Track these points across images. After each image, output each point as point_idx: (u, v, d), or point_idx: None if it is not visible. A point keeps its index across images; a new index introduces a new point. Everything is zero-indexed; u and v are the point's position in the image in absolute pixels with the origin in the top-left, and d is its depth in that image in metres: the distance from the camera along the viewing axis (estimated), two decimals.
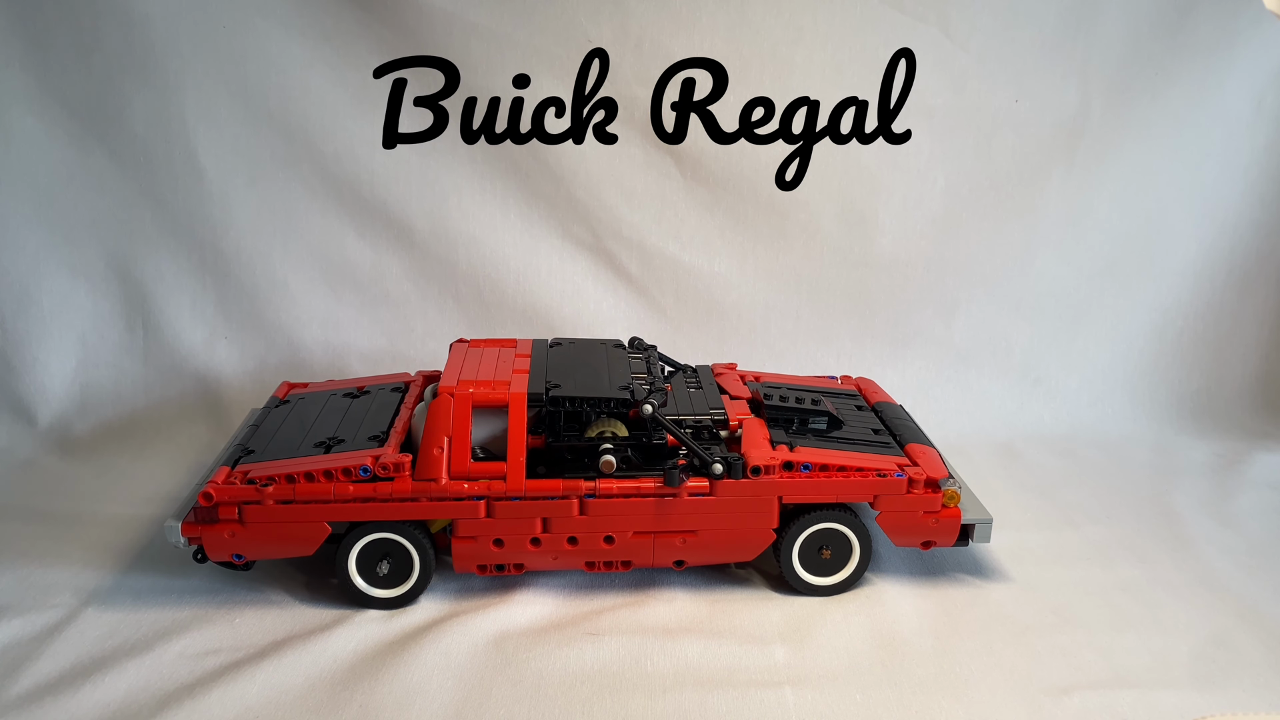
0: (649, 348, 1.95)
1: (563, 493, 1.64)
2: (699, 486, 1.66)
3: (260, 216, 2.34)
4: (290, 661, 1.51)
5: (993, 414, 2.47)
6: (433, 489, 1.62)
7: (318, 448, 1.70)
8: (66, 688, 1.45)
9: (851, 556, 1.73)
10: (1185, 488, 2.18)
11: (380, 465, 1.61)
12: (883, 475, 1.68)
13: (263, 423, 1.85)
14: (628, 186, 2.40)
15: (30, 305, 2.33)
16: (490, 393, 1.65)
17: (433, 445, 1.63)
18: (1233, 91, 2.38)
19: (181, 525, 1.62)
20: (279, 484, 1.60)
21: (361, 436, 1.72)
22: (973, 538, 1.73)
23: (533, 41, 2.26)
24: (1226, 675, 1.55)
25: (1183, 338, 2.54)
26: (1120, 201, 2.45)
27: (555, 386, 1.70)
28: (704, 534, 1.68)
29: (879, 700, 1.47)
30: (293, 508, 1.61)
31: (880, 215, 2.44)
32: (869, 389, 2.09)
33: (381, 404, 1.86)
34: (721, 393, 1.91)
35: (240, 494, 1.60)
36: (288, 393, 2.01)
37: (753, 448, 1.70)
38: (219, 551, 1.63)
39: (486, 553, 1.67)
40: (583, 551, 1.68)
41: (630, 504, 1.65)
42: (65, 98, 2.23)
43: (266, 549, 1.64)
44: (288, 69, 2.27)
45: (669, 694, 1.47)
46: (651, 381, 1.77)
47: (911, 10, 2.29)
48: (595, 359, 1.85)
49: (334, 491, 1.61)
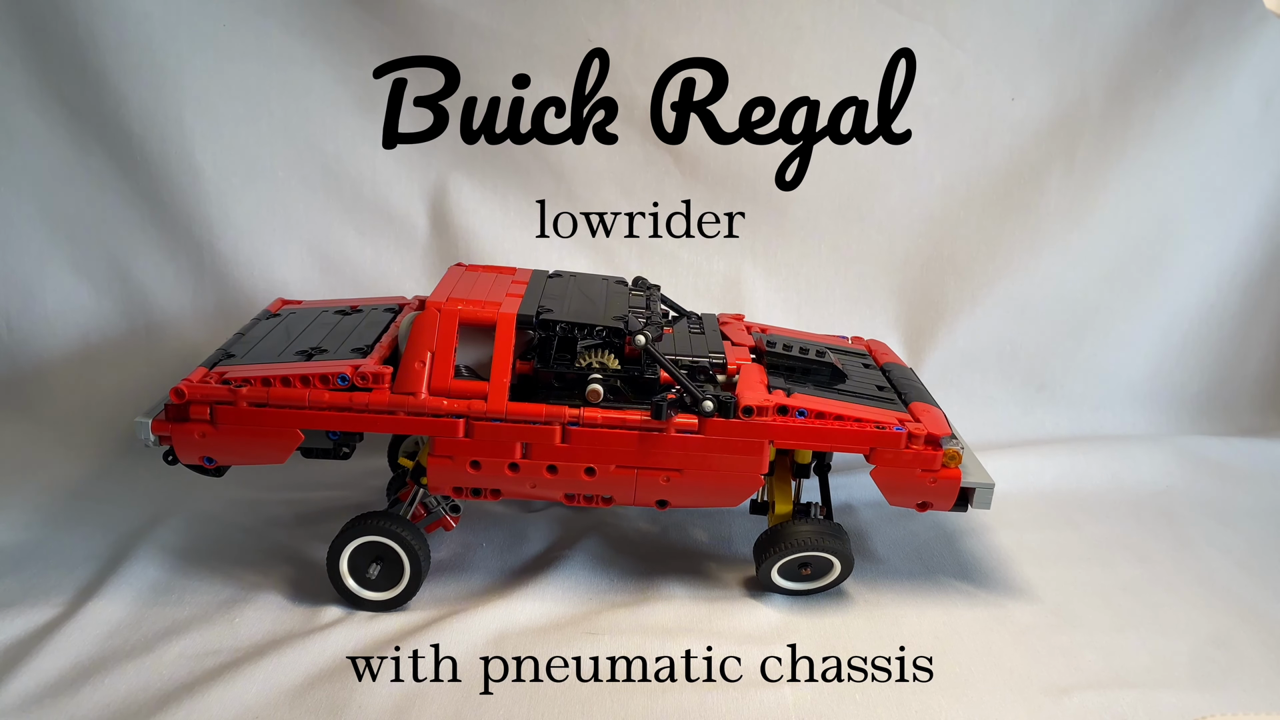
0: (653, 286, 1.90)
1: (545, 418, 1.59)
2: (688, 423, 1.61)
3: (258, 216, 2.34)
4: (290, 661, 1.51)
5: (996, 417, 2.46)
6: (410, 403, 1.58)
7: (299, 355, 1.67)
8: (66, 688, 1.45)
9: (831, 571, 1.71)
10: (1188, 489, 2.18)
11: (359, 375, 1.58)
12: (881, 428, 1.63)
13: (248, 331, 1.82)
14: (627, 186, 2.40)
15: (34, 304, 2.33)
16: (479, 310, 1.61)
17: (414, 359, 1.58)
18: (1240, 90, 2.36)
19: (152, 423, 1.59)
20: (254, 386, 1.57)
21: (345, 348, 1.69)
22: (972, 502, 1.65)
23: (533, 41, 2.26)
24: (1227, 676, 1.55)
25: (1187, 340, 2.53)
26: (1125, 202, 2.44)
27: (547, 311, 1.66)
28: (689, 474, 1.63)
29: (878, 700, 1.47)
30: (266, 411, 1.57)
31: (879, 214, 2.44)
32: (879, 350, 2.05)
33: (371, 321, 1.83)
34: (724, 339, 1.87)
35: (213, 393, 1.57)
36: (280, 308, 1.98)
37: (747, 389, 1.66)
38: (189, 452, 1.60)
39: (463, 474, 1.62)
40: (562, 482, 1.63)
41: (615, 435, 1.60)
42: (65, 96, 2.22)
43: (237, 453, 1.61)
44: (288, 68, 2.26)
45: (668, 694, 1.47)
46: (649, 316, 1.72)
47: (909, 9, 2.28)
48: (594, 290, 1.81)
49: (309, 398, 1.57)
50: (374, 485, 2.09)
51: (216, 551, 1.81)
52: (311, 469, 2.05)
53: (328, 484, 2.09)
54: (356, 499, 2.03)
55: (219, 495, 2.01)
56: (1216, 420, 2.50)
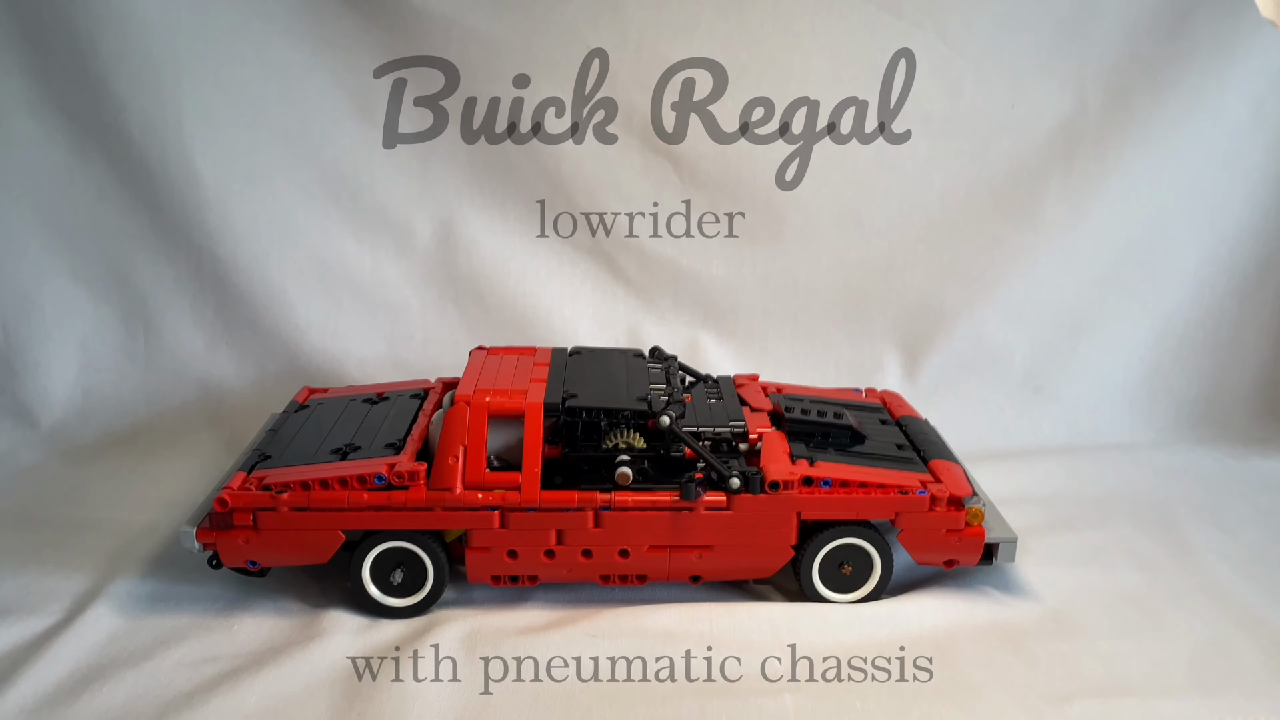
0: (669, 358, 1.92)
1: (577, 504, 1.62)
2: (716, 501, 1.64)
3: (257, 223, 2.34)
4: (289, 669, 1.50)
5: (992, 421, 2.46)
6: (447, 499, 1.61)
7: (334, 454, 1.69)
8: (65, 696, 1.44)
9: (872, 573, 1.71)
10: (1185, 494, 2.18)
11: (395, 474, 1.60)
12: (904, 492, 1.66)
13: (280, 428, 1.84)
14: (626, 190, 2.40)
15: (32, 310, 2.33)
16: (507, 401, 1.64)
17: (448, 454, 1.61)
18: (1233, 97, 2.37)
19: (197, 531, 1.61)
20: (294, 491, 1.59)
21: (378, 444, 1.71)
22: (997, 557, 1.71)
23: (531, 47, 2.27)
24: (1227, 682, 1.55)
25: (1183, 345, 2.54)
26: (1120, 208, 2.45)
27: (572, 396, 1.68)
28: (720, 549, 1.66)
29: (879, 708, 1.46)
30: (307, 515, 1.60)
31: (877, 219, 2.45)
32: (894, 402, 2.07)
33: (400, 411, 1.85)
34: (742, 404, 1.89)
35: (255, 500, 1.60)
36: (308, 398, 2.00)
37: (771, 462, 1.68)
38: (233, 558, 1.63)
39: (500, 563, 1.66)
40: (597, 564, 1.67)
41: (646, 517, 1.63)
42: (64, 103, 2.23)
43: (281, 556, 1.64)
44: (287, 75, 2.27)
45: (669, 701, 1.46)
46: (670, 392, 1.74)
47: (908, 15, 2.29)
48: (614, 368, 1.83)
49: (349, 500, 1.60)
50: None
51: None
52: None
53: None
54: None
55: None
56: (1214, 424, 2.50)
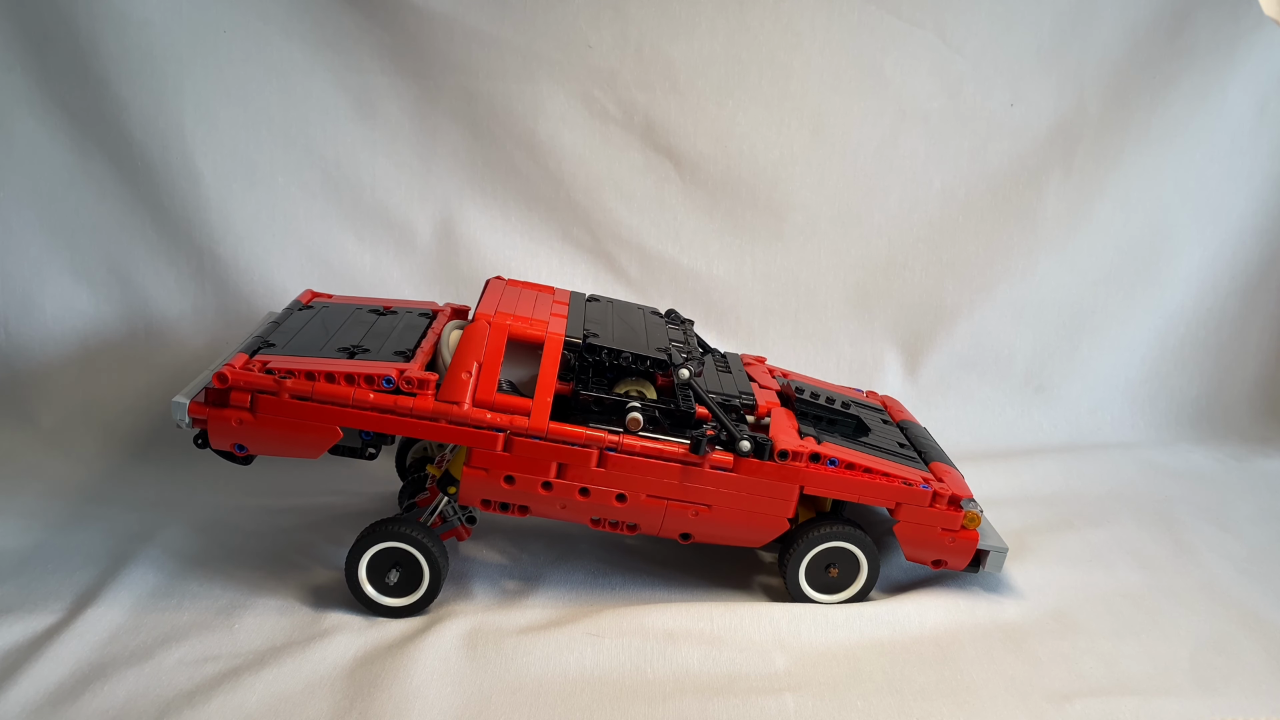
0: (686, 320, 1.93)
1: (585, 441, 1.61)
2: (723, 460, 1.63)
3: (259, 222, 2.34)
4: (290, 668, 1.50)
5: (993, 420, 2.46)
6: (454, 412, 1.58)
7: (341, 352, 1.66)
8: (65, 695, 1.44)
9: (858, 576, 1.72)
10: (1186, 494, 2.18)
11: (405, 379, 1.58)
12: (908, 484, 1.68)
13: (284, 321, 1.81)
14: (627, 190, 2.40)
15: (33, 309, 2.33)
16: (528, 328, 1.63)
17: (461, 369, 1.59)
18: (1235, 96, 2.38)
19: (190, 404, 1.58)
20: (298, 378, 1.56)
21: (387, 350, 1.68)
22: (984, 565, 1.72)
23: (533, 47, 2.27)
24: (1227, 681, 1.55)
25: (1184, 344, 2.54)
26: (1121, 207, 2.45)
27: (593, 335, 1.68)
28: (718, 510, 1.65)
29: (880, 707, 1.47)
30: (308, 406, 1.56)
31: (877, 218, 2.45)
32: (893, 407, 2.09)
33: (408, 325, 1.82)
34: (750, 381, 1.90)
35: (257, 381, 1.56)
36: (311, 300, 1.97)
37: (781, 433, 1.68)
38: (222, 438, 1.59)
39: (495, 488, 1.63)
40: (592, 506, 1.65)
41: (651, 465, 1.62)
42: (65, 102, 2.23)
43: (272, 445, 1.60)
44: (288, 74, 2.27)
45: (669, 701, 1.46)
46: (689, 350, 1.75)
47: (908, 16, 2.29)
48: (633, 319, 1.84)
49: (354, 396, 1.56)
50: (373, 492, 2.08)
51: (215, 556, 1.81)
52: (310, 473, 2.05)
53: (327, 489, 2.09)
54: (356, 505, 2.03)
55: (217, 500, 2.00)
56: (1215, 423, 2.50)
